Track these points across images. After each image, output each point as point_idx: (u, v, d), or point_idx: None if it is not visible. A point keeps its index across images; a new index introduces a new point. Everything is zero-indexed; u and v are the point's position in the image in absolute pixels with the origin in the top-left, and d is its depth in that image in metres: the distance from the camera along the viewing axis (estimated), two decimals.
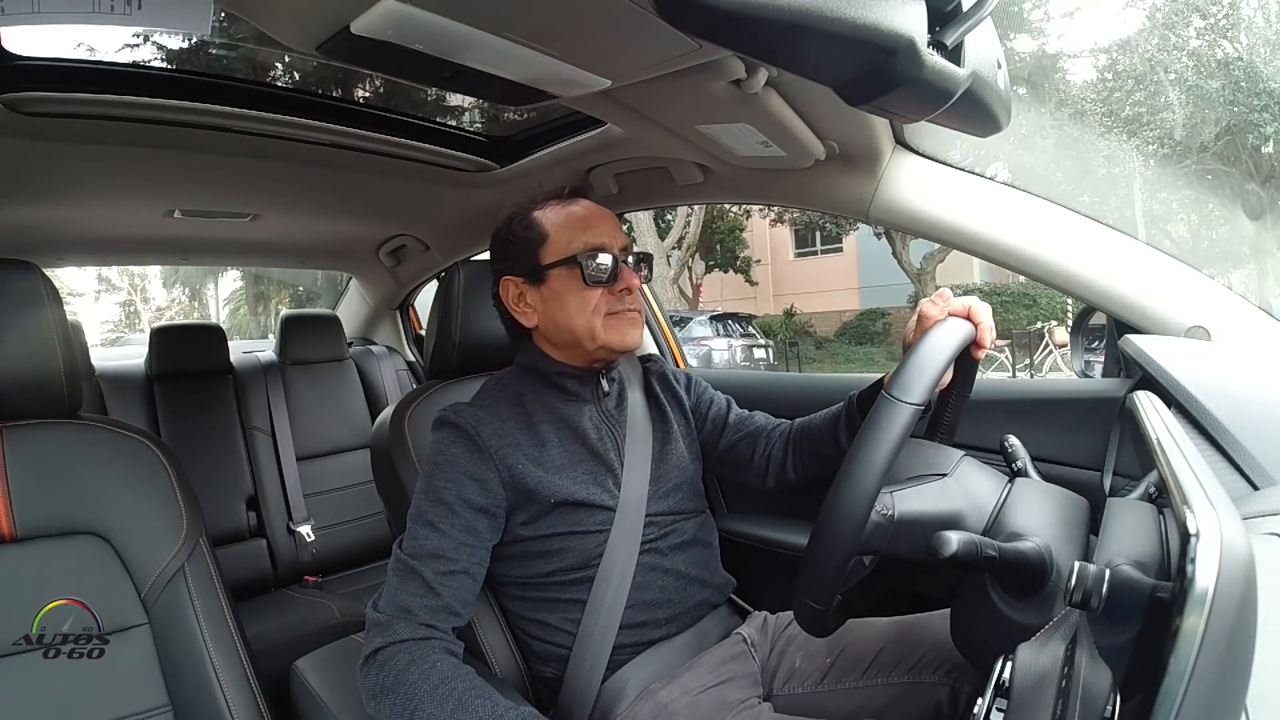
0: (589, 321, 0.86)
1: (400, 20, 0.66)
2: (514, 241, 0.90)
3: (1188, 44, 10.43)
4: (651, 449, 0.93)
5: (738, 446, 1.00)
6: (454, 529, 0.79)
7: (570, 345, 0.89)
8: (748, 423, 1.01)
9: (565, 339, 0.89)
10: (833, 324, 14.26)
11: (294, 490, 1.92)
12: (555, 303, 0.88)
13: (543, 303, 0.89)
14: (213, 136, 1.14)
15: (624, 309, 0.87)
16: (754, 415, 1.03)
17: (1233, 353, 0.86)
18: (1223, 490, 0.36)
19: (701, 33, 0.57)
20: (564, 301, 0.87)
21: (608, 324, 0.87)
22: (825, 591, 0.62)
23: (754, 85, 0.83)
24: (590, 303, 0.86)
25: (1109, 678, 0.37)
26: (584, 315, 0.86)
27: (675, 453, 0.95)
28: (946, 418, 0.79)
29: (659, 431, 0.96)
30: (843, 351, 13.29)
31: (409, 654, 0.71)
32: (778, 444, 0.98)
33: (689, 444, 0.99)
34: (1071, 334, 1.14)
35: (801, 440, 0.96)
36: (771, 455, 0.97)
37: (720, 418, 1.02)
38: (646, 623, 0.86)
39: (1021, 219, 0.99)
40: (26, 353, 0.81)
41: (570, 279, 0.86)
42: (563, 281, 0.87)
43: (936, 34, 0.53)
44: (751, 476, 1.00)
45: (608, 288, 0.87)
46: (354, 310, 2.47)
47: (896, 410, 0.60)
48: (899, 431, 0.60)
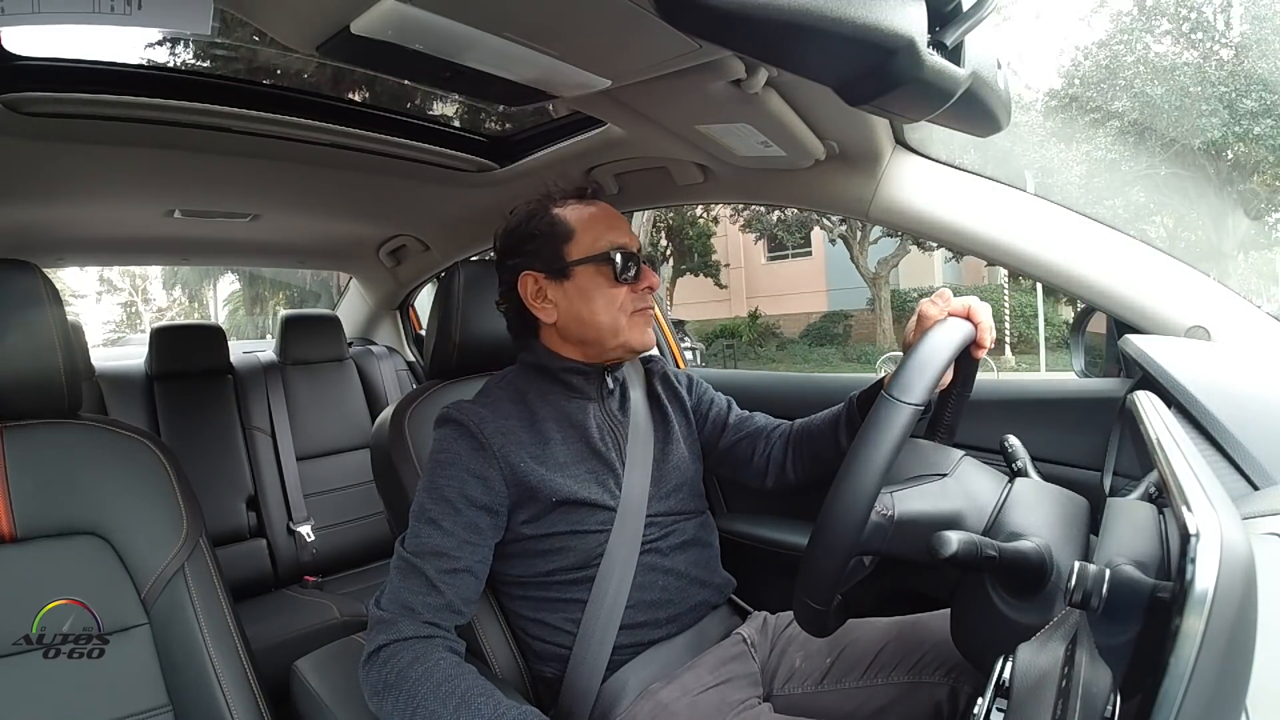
0: (614, 318, 0.87)
1: (400, 20, 0.66)
2: (537, 237, 0.89)
3: (1140, 50, 10.44)
4: (653, 449, 0.93)
5: (738, 447, 1.00)
6: (457, 526, 0.79)
7: (588, 342, 0.89)
8: (748, 423, 1.01)
9: (587, 335, 0.89)
10: (800, 325, 14.59)
11: (294, 490, 1.92)
12: (580, 298, 0.87)
13: (565, 298, 0.88)
14: (213, 136, 1.14)
15: (645, 307, 0.89)
16: (754, 416, 1.03)
17: (1233, 353, 0.86)
18: (1223, 490, 0.36)
19: (701, 33, 0.57)
20: (590, 297, 0.87)
21: (632, 322, 0.88)
22: (825, 591, 0.62)
23: (754, 85, 0.83)
24: (617, 300, 0.87)
25: (1109, 678, 0.37)
26: (610, 312, 0.87)
27: (676, 453, 0.95)
28: (947, 417, 0.79)
29: (660, 432, 0.96)
30: (801, 353, 13.63)
31: (412, 651, 0.71)
32: (778, 445, 0.98)
33: (690, 445, 0.99)
34: (1071, 334, 1.14)
35: (801, 441, 0.96)
36: (771, 456, 0.98)
37: (721, 418, 1.02)
38: (647, 623, 0.86)
39: (1021, 219, 0.99)
40: (26, 353, 0.81)
41: (599, 275, 0.87)
42: (590, 278, 0.87)
43: (936, 34, 0.53)
44: (751, 477, 1.00)
45: (632, 285, 0.88)
46: (354, 310, 2.47)
47: (896, 410, 0.61)
48: (899, 432, 0.60)
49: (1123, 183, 10.29)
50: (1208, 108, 9.51)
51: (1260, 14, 9.69)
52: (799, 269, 15.61)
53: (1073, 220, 0.97)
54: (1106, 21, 10.92)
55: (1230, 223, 10.24)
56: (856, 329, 13.56)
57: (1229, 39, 9.95)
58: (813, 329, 14.21)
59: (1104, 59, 10.58)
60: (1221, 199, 10.09)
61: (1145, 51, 10.34)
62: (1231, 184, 10.00)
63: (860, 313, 13.59)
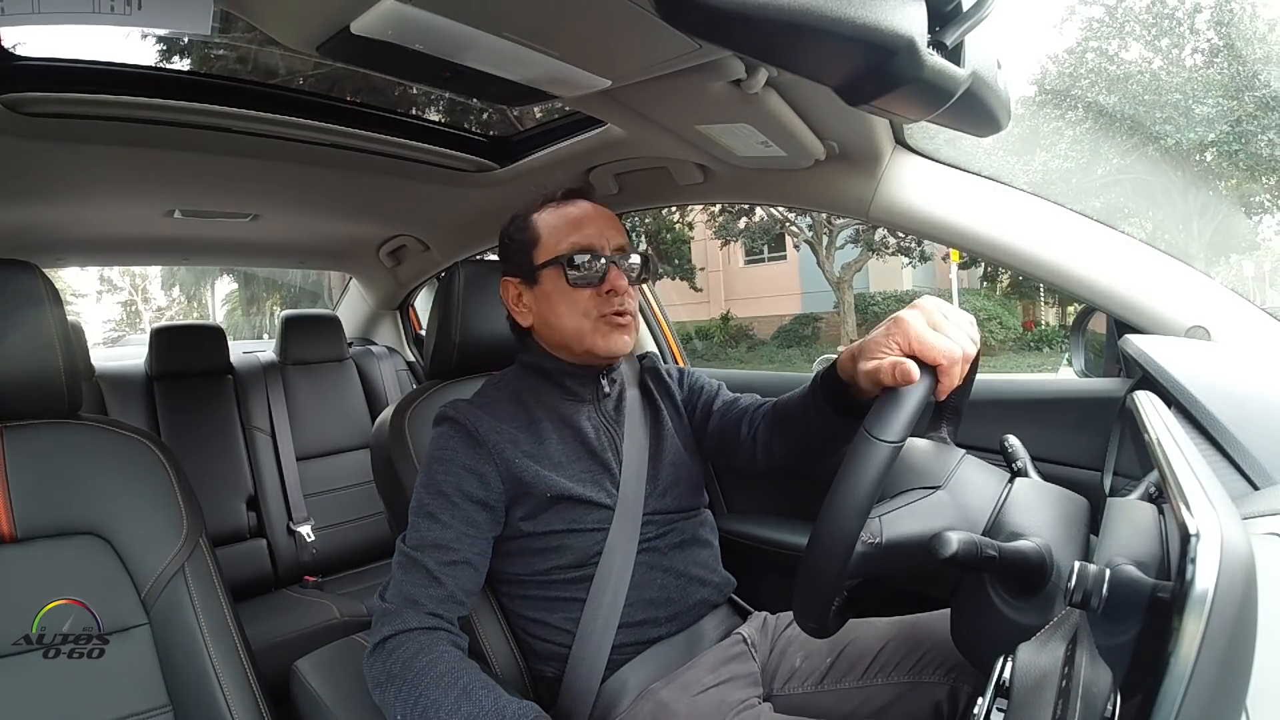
0: (577, 324, 0.87)
1: (400, 20, 0.66)
2: (512, 243, 0.92)
3: (1102, 65, 10.49)
4: (648, 447, 0.93)
5: (726, 428, 0.98)
6: (454, 520, 0.80)
7: (561, 347, 0.91)
8: (734, 405, 0.99)
9: (556, 340, 0.90)
10: (773, 327, 15.04)
11: (294, 490, 1.92)
12: (546, 303, 0.89)
13: (536, 303, 0.90)
14: (213, 137, 1.14)
15: (612, 312, 0.87)
16: (740, 397, 1.01)
17: (1233, 353, 0.86)
18: (1223, 490, 0.36)
19: (701, 33, 0.57)
20: (554, 302, 0.88)
21: (596, 328, 0.87)
22: (819, 610, 0.62)
23: (754, 85, 0.83)
24: (578, 304, 0.87)
25: (1109, 678, 0.37)
26: (572, 317, 0.87)
27: (671, 449, 0.95)
28: (948, 414, 0.79)
29: (654, 429, 0.96)
30: (768, 354, 14.11)
31: (416, 643, 0.72)
32: (762, 423, 0.95)
33: (684, 439, 0.99)
34: (1071, 334, 1.14)
35: (782, 418, 0.93)
36: (758, 435, 0.95)
37: (708, 403, 1.01)
38: (646, 621, 0.86)
39: (1022, 219, 0.99)
40: (27, 353, 0.81)
41: (559, 279, 0.87)
42: (552, 282, 0.88)
43: (936, 34, 0.52)
44: (743, 458, 0.97)
45: (595, 289, 0.87)
46: (354, 310, 2.47)
47: (874, 449, 0.59)
48: (877, 471, 0.58)
49: (1096, 188, 10.34)
50: (1162, 115, 9.57)
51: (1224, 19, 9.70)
52: (774, 272, 15.91)
53: (1073, 220, 0.97)
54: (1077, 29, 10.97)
55: (1197, 227, 10.27)
56: (825, 330, 14.06)
57: (1199, 45, 10.01)
58: (783, 331, 14.69)
59: (1070, 66, 10.66)
60: (1187, 203, 10.12)
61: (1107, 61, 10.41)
62: (1197, 189, 10.04)
63: (829, 315, 14.08)
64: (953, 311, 0.66)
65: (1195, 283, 0.92)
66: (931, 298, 0.67)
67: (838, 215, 7.22)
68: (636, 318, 0.91)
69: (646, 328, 1.68)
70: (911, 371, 0.61)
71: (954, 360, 0.62)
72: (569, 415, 0.91)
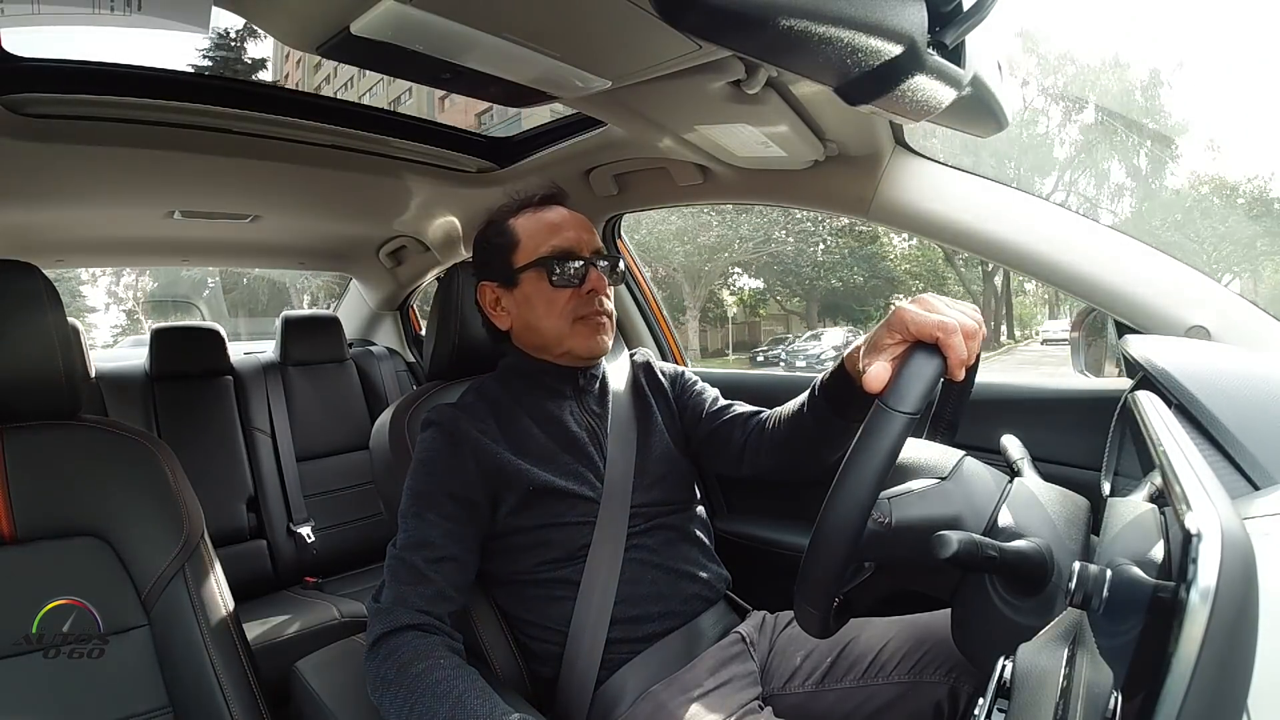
0: (557, 325, 0.89)
1: (400, 21, 0.66)
2: (489, 247, 0.94)
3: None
4: (635, 441, 0.94)
5: (717, 433, 0.99)
6: (439, 518, 0.82)
7: (541, 348, 0.92)
8: (727, 411, 1.00)
9: (536, 341, 0.92)
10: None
11: (294, 491, 1.92)
12: (526, 305, 0.91)
13: (515, 306, 0.92)
14: (213, 138, 1.14)
15: (591, 313, 0.90)
16: (734, 404, 1.02)
17: (1233, 353, 0.86)
18: (1223, 490, 0.36)
19: (701, 33, 0.57)
20: (534, 304, 0.90)
21: (575, 329, 0.89)
22: (824, 596, 0.62)
23: (754, 85, 0.83)
24: (558, 305, 0.89)
25: (1110, 678, 0.37)
26: (552, 318, 0.89)
27: (659, 445, 0.96)
28: (948, 414, 0.79)
29: (643, 425, 0.97)
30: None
31: (412, 648, 0.72)
32: (755, 431, 0.96)
33: (674, 436, 0.99)
34: (1071, 333, 1.14)
35: (776, 427, 0.94)
36: (748, 442, 0.95)
37: (701, 406, 1.02)
38: (639, 617, 0.86)
39: (1022, 219, 0.99)
40: (27, 354, 0.81)
41: (539, 281, 0.89)
42: (533, 284, 0.90)
43: (936, 34, 0.53)
44: (728, 463, 0.98)
45: (575, 290, 0.89)
46: (354, 311, 2.47)
47: (890, 419, 0.59)
48: (893, 441, 0.58)
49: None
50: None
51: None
52: None
53: (1073, 220, 0.97)
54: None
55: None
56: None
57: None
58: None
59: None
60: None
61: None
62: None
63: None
64: (951, 300, 0.67)
65: (1195, 283, 0.92)
66: (930, 294, 0.68)
67: (837, 215, 7.23)
68: (613, 318, 0.94)
69: (646, 327, 1.68)
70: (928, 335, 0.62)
71: (950, 330, 0.62)
72: (551, 410, 0.92)
